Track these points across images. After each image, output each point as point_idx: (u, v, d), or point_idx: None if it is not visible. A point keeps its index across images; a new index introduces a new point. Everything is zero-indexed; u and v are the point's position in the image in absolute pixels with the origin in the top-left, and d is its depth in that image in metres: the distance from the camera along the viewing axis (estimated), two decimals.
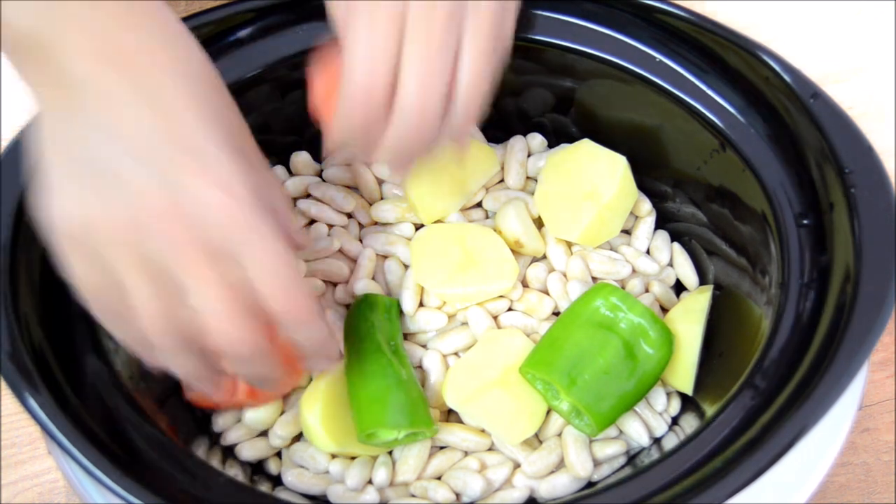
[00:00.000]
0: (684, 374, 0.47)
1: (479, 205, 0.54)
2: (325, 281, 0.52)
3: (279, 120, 0.54)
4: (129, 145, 0.34)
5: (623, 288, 0.51)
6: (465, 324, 0.50)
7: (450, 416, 0.49)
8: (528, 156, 0.55)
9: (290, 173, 0.55)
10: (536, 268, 0.51)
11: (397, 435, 0.44)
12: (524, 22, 0.51)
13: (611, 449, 0.46)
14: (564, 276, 0.51)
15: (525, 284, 0.52)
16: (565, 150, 0.53)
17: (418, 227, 0.53)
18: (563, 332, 0.47)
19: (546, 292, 0.51)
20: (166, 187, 0.34)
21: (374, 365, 0.45)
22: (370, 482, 0.46)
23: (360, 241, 0.53)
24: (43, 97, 0.35)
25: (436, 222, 0.52)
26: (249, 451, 0.47)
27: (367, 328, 0.47)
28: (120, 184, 0.34)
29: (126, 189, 0.34)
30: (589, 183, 0.51)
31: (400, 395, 0.44)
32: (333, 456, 0.46)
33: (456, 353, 0.50)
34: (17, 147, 0.43)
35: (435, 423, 0.46)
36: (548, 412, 0.47)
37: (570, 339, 0.46)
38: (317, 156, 0.56)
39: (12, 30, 0.34)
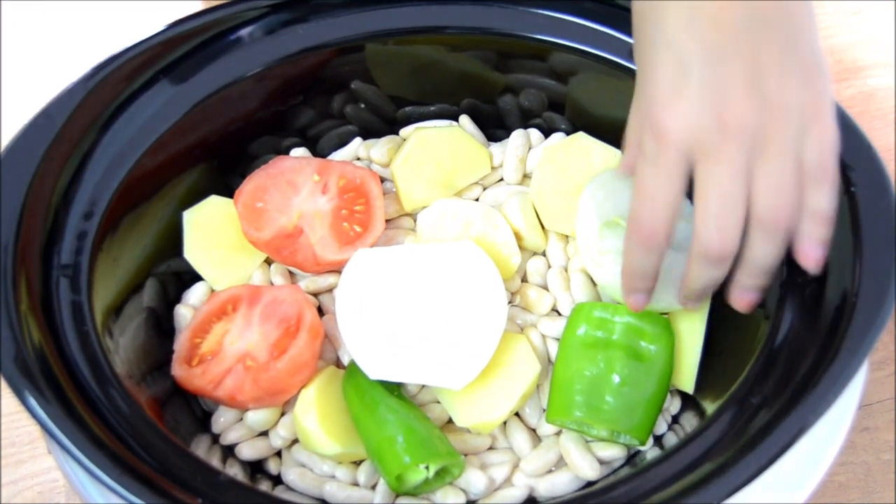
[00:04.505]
0: (686, 373, 0.47)
1: (476, 201, 0.54)
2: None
3: (279, 117, 0.54)
4: None
5: None
6: None
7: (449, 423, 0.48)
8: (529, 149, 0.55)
9: None
10: (537, 260, 0.52)
11: (427, 475, 0.43)
12: (523, 21, 0.51)
13: (610, 451, 0.46)
14: (565, 270, 0.51)
15: (524, 280, 0.52)
16: (560, 144, 0.53)
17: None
18: (566, 369, 0.46)
19: (545, 287, 0.51)
20: None
21: (384, 410, 0.45)
22: (374, 487, 0.46)
23: None
24: None
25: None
26: (249, 450, 0.47)
27: (370, 382, 0.46)
28: None
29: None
30: (584, 176, 0.51)
31: (418, 430, 0.44)
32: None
33: None
34: (17, 147, 0.43)
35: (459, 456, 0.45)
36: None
37: (574, 374, 0.46)
38: (316, 154, 0.56)
39: None
